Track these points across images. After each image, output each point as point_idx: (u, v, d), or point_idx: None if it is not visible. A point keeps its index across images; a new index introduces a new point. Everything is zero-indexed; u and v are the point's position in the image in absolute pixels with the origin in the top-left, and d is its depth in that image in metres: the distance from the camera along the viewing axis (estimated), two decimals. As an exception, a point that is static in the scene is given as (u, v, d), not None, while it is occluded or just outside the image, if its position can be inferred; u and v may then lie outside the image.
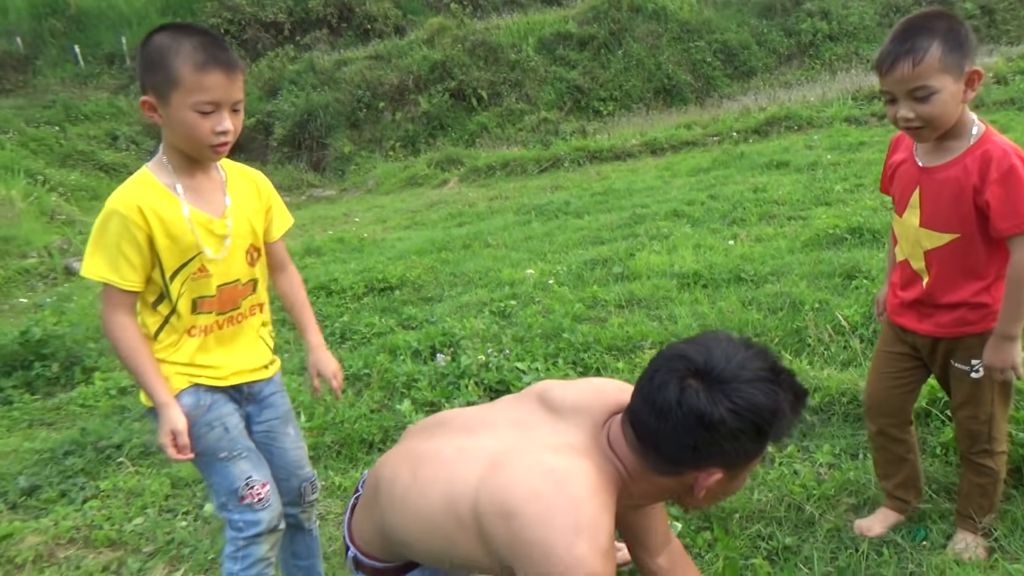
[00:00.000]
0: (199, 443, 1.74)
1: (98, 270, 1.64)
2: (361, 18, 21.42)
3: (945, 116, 1.70)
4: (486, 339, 3.94)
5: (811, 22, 18.50)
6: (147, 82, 1.60)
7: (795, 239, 5.02)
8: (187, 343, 1.75)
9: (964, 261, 1.80)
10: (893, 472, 2.09)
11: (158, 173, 1.68)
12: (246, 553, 1.79)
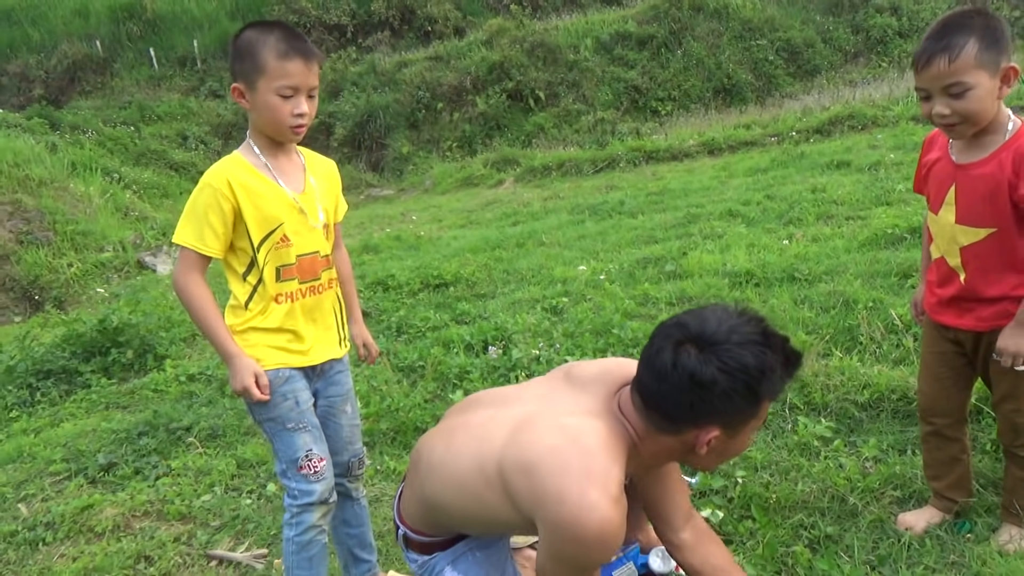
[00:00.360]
0: (273, 410, 1.90)
1: (184, 237, 1.82)
2: (422, 20, 21.76)
3: (981, 112, 1.71)
4: (537, 334, 4.02)
5: (880, 18, 18.00)
6: (237, 71, 1.80)
7: (852, 239, 4.94)
8: (275, 310, 1.90)
9: (1001, 256, 1.80)
10: (945, 473, 2.08)
11: (246, 154, 1.88)
12: (299, 520, 1.94)
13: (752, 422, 1.51)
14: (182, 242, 1.83)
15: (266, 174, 1.87)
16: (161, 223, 10.09)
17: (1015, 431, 1.92)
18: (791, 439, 2.62)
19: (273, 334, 1.91)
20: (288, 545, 1.97)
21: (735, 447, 1.56)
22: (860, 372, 2.88)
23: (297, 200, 1.90)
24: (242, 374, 1.83)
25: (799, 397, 2.85)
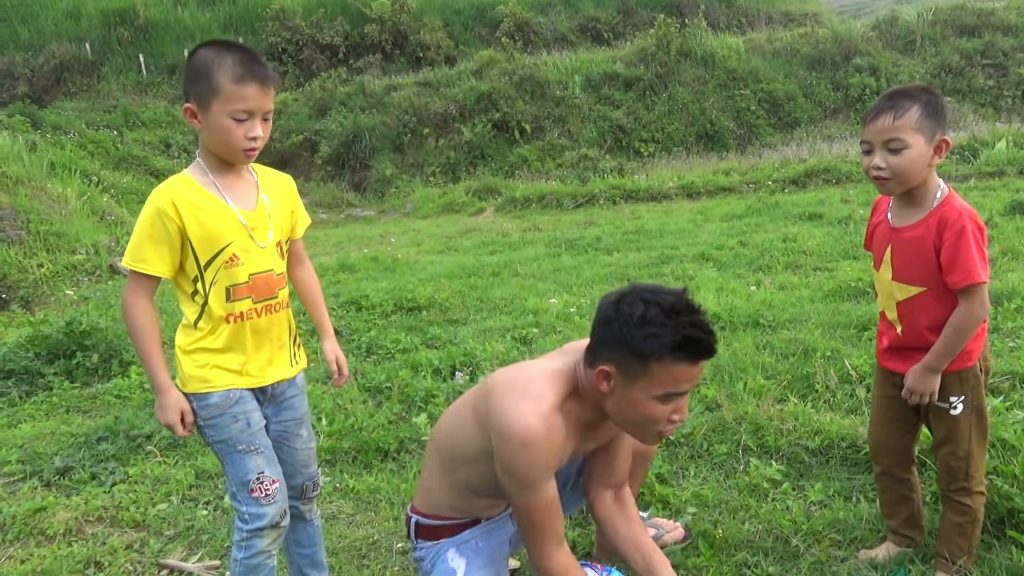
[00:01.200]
0: (222, 432, 1.89)
1: (130, 258, 1.83)
2: (414, 46, 22.02)
3: (911, 172, 1.89)
4: (505, 362, 4.07)
5: (860, 77, 18.53)
6: (191, 90, 1.79)
7: (818, 289, 5.08)
8: (224, 330, 1.88)
9: (933, 310, 1.95)
10: (897, 511, 2.20)
11: (195, 173, 1.88)
12: (249, 544, 1.92)
13: (643, 382, 1.64)
14: (129, 263, 1.83)
15: (214, 193, 1.86)
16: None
17: (951, 474, 2.02)
18: (742, 479, 2.69)
19: (221, 354, 1.89)
20: (235, 566, 1.95)
21: (634, 404, 1.68)
22: (813, 419, 2.97)
23: (245, 219, 1.88)
24: (170, 410, 1.84)
25: (753, 439, 2.93)
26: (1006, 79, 18.45)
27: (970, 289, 1.87)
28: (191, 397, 1.89)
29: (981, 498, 2.03)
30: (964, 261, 1.86)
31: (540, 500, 1.75)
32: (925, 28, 19.70)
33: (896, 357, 2.06)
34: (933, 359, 1.93)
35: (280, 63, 21.95)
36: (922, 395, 1.96)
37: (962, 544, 2.03)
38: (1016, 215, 7.15)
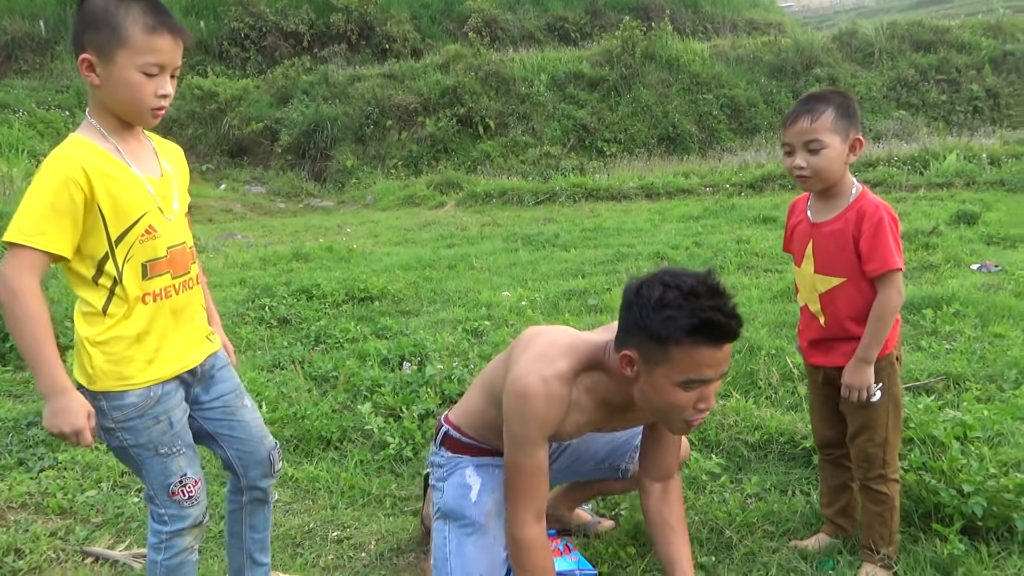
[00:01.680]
0: (140, 436, 1.69)
1: (22, 232, 1.51)
2: (380, 37, 21.81)
3: (829, 170, 2.00)
4: (455, 353, 4.04)
5: (819, 87, 18.87)
6: (88, 40, 1.56)
7: (767, 290, 5.16)
8: (141, 312, 1.67)
9: (853, 300, 2.04)
10: (835, 499, 2.28)
11: (93, 137, 1.63)
12: (169, 545, 1.80)
13: (664, 367, 1.61)
14: (19, 238, 1.50)
15: (119, 159, 1.62)
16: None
17: (868, 461, 2.09)
18: (683, 473, 2.70)
19: (140, 342, 1.67)
20: (155, 568, 1.81)
21: (657, 391, 1.65)
22: (754, 414, 3.01)
23: (158, 186, 1.69)
24: (77, 414, 1.55)
25: (695, 433, 2.95)
26: (958, 95, 19.01)
27: (887, 276, 1.98)
28: (101, 396, 1.65)
29: (896, 485, 2.11)
30: (882, 250, 1.96)
31: (527, 462, 1.80)
32: (883, 42, 20.19)
33: (819, 351, 2.15)
34: (863, 351, 2.01)
35: (242, 49, 21.56)
36: (860, 390, 2.01)
37: (883, 533, 2.09)
38: (960, 224, 7.36)
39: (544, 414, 1.77)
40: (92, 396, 1.64)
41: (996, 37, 20.42)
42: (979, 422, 2.66)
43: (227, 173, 17.48)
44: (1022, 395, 2.96)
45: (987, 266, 5.67)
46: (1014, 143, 13.50)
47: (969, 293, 4.71)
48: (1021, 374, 3.29)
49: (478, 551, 1.93)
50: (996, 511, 2.17)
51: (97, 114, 1.64)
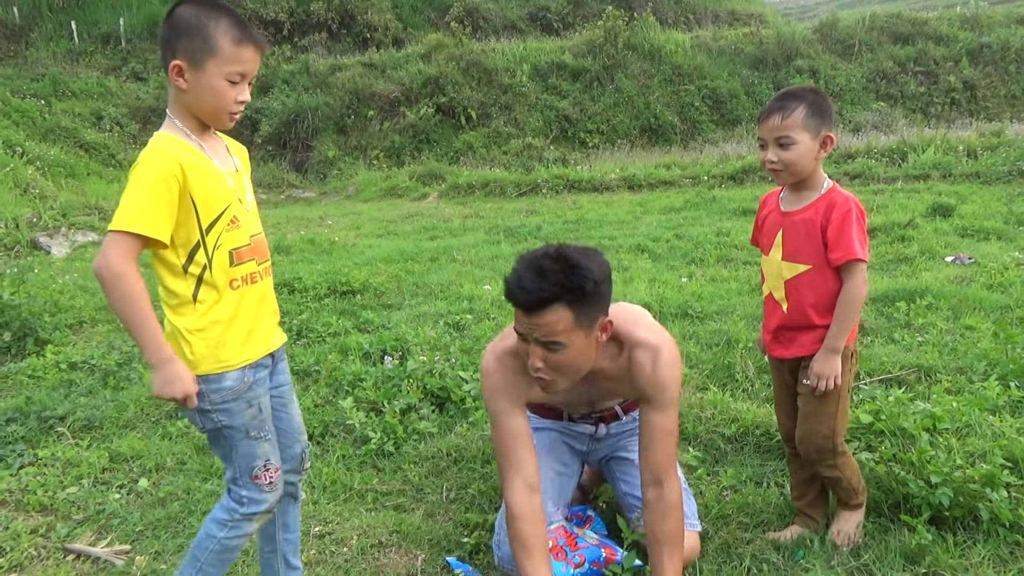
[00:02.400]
0: (235, 418, 1.80)
1: (126, 220, 1.63)
2: (362, 26, 21.64)
3: (800, 164, 2.09)
4: (436, 347, 4.06)
5: (800, 79, 18.99)
6: (180, 47, 1.68)
7: (746, 282, 5.22)
8: (230, 297, 1.78)
9: (817, 288, 2.12)
10: (806, 492, 2.34)
11: (178, 135, 1.76)
12: (237, 525, 1.87)
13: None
14: (123, 225, 1.62)
15: (205, 155, 1.77)
16: (63, 204, 9.61)
17: (819, 452, 2.18)
18: (660, 466, 2.75)
19: (232, 326, 1.78)
20: (210, 542, 1.89)
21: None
22: (731, 407, 3.06)
23: (235, 179, 1.84)
24: (186, 380, 1.68)
25: (673, 426, 3.00)
26: (936, 87, 19.21)
27: (851, 265, 2.06)
28: (200, 380, 1.75)
29: (847, 457, 2.23)
30: (846, 240, 2.05)
31: (499, 428, 2.00)
32: (863, 34, 20.34)
33: (781, 344, 2.23)
34: (831, 340, 2.09)
35: (221, 37, 21.31)
36: (828, 378, 2.09)
37: (849, 492, 2.25)
38: (936, 217, 7.47)
39: (502, 385, 1.98)
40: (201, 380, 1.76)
41: (973, 29, 20.63)
42: (948, 414, 2.73)
43: (207, 163, 17.31)
44: (990, 387, 3.03)
45: (961, 258, 5.77)
46: (990, 135, 13.68)
47: (942, 286, 4.79)
48: (990, 366, 3.37)
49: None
50: (963, 501, 2.23)
51: (180, 115, 1.76)
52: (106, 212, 9.47)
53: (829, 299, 2.10)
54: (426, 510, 2.66)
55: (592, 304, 1.82)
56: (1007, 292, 4.68)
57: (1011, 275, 5.04)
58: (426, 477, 2.85)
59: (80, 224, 8.80)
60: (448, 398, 3.43)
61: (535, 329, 1.78)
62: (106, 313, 5.20)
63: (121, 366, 4.19)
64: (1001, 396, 2.97)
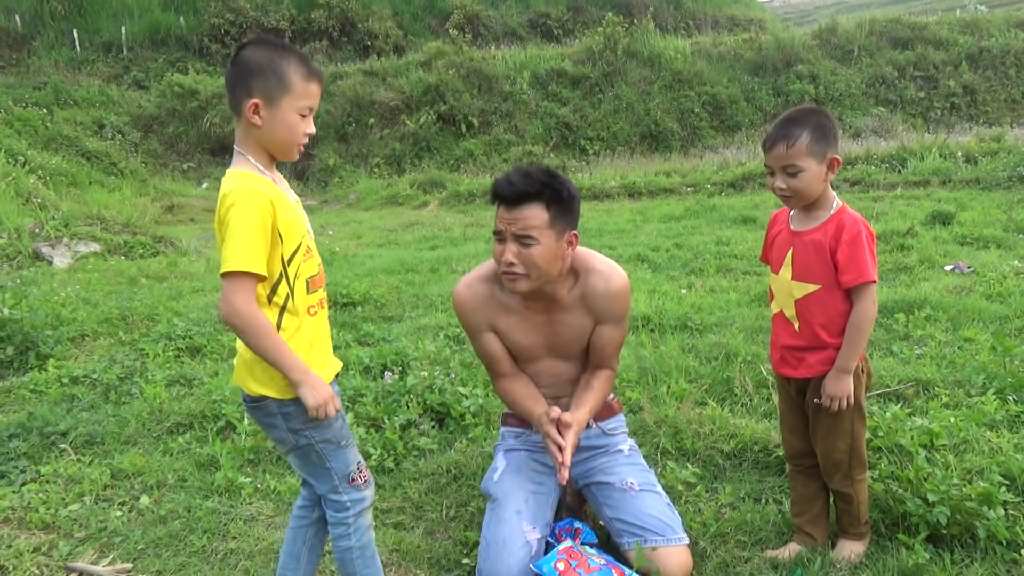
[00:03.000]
0: (326, 432, 1.87)
1: (238, 261, 1.69)
2: (362, 34, 21.74)
3: (808, 190, 2.11)
4: (436, 362, 4.07)
5: (800, 84, 19.07)
6: (256, 86, 1.75)
7: (745, 293, 5.23)
8: (308, 323, 1.85)
9: (826, 309, 2.14)
10: (807, 508, 2.34)
11: (253, 170, 1.81)
12: (356, 526, 2.00)
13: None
14: (240, 267, 1.68)
15: (279, 187, 1.84)
16: (65, 213, 9.64)
17: (836, 467, 2.21)
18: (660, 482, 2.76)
19: (312, 350, 1.86)
20: (350, 554, 2.00)
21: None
22: (730, 422, 3.07)
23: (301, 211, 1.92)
24: (326, 386, 1.79)
25: (671, 442, 3.01)
26: (936, 91, 19.25)
27: (862, 288, 2.08)
28: (290, 403, 1.82)
29: (862, 483, 2.24)
30: (858, 262, 2.06)
31: (479, 348, 2.30)
32: (862, 39, 20.38)
33: (789, 363, 2.24)
34: (842, 361, 2.11)
35: (223, 45, 21.40)
36: (840, 399, 2.12)
37: (853, 521, 2.26)
38: (936, 225, 7.48)
39: (472, 308, 2.24)
40: (281, 405, 1.84)
41: (972, 34, 20.68)
42: (945, 430, 2.74)
43: (209, 171, 17.38)
44: (988, 401, 3.04)
45: (960, 267, 5.78)
46: (989, 140, 13.69)
47: (941, 296, 4.80)
48: (988, 379, 3.38)
49: (496, 523, 2.20)
50: (960, 519, 2.24)
51: (252, 150, 1.82)
52: (108, 222, 9.50)
53: (839, 319, 2.12)
54: (426, 528, 2.67)
55: (565, 211, 2.10)
56: (1006, 302, 4.69)
57: (1010, 284, 5.05)
58: (426, 494, 2.86)
59: (82, 234, 8.82)
60: (448, 414, 3.45)
61: (514, 223, 2.03)
62: (108, 326, 5.23)
63: (123, 380, 4.21)
64: (999, 411, 2.98)
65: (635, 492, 2.25)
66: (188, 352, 4.69)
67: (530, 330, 2.25)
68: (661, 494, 2.27)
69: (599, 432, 2.40)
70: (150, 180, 15.37)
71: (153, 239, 9.24)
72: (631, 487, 2.27)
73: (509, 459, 2.37)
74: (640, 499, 2.23)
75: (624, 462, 2.36)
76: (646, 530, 2.17)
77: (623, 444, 2.43)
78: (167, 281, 7.00)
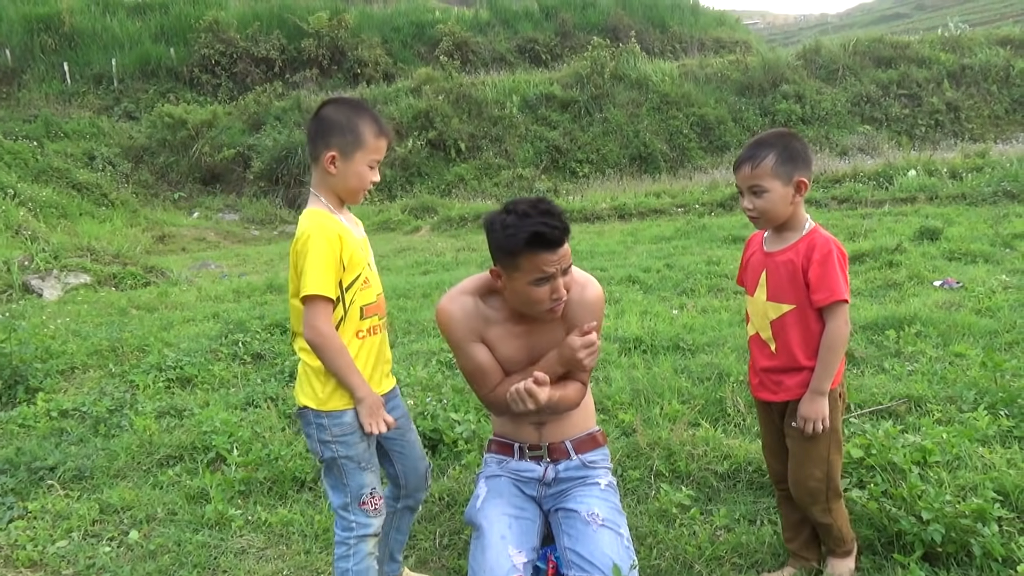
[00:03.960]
0: (351, 449, 2.08)
1: (317, 286, 1.96)
2: (352, 62, 21.90)
3: (774, 211, 2.13)
4: (428, 388, 4.06)
5: (786, 104, 19.28)
6: (335, 141, 2.04)
7: (736, 312, 5.24)
8: (355, 345, 2.07)
9: (801, 329, 2.14)
10: (796, 534, 2.33)
11: (326, 210, 2.08)
12: (356, 550, 2.13)
13: (517, 273, 2.06)
14: (318, 291, 1.96)
15: (347, 226, 2.09)
16: (55, 245, 9.61)
17: (812, 496, 2.19)
18: (653, 505, 2.74)
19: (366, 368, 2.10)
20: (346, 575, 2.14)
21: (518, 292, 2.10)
22: (723, 443, 3.06)
23: (365, 247, 2.17)
24: (378, 411, 2.05)
25: (665, 465, 2.99)
26: (920, 108, 19.49)
27: (834, 307, 2.09)
28: (324, 415, 2.05)
29: (840, 506, 2.24)
30: (829, 281, 2.08)
31: (470, 361, 2.23)
32: (846, 58, 20.66)
33: (767, 388, 2.24)
34: (816, 383, 2.11)
35: (213, 76, 21.53)
36: (815, 421, 2.10)
37: (838, 540, 2.25)
38: (924, 241, 7.53)
39: (460, 318, 2.20)
40: (316, 415, 2.07)
41: (954, 51, 20.99)
42: (938, 446, 2.74)
43: (200, 201, 17.39)
44: (980, 416, 3.04)
45: (949, 283, 5.82)
46: (974, 156, 13.86)
47: (931, 312, 4.82)
48: (979, 395, 3.38)
49: (482, 551, 2.16)
50: (955, 536, 2.23)
51: (325, 193, 2.10)
52: (98, 253, 9.47)
53: (813, 339, 2.12)
54: (418, 557, 2.64)
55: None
56: (995, 317, 4.72)
57: (999, 299, 5.08)
58: (418, 523, 2.84)
59: (72, 266, 8.79)
60: (441, 440, 3.42)
61: (563, 259, 2.07)
62: (98, 358, 5.19)
63: (112, 412, 4.17)
64: (991, 426, 2.98)
65: (596, 526, 2.16)
66: (179, 383, 4.66)
67: (512, 343, 2.25)
68: (623, 535, 2.17)
69: (579, 464, 2.33)
70: (141, 210, 15.36)
71: (144, 269, 9.21)
72: (594, 518, 2.19)
73: (490, 485, 2.34)
74: (599, 535, 2.14)
75: (597, 495, 2.27)
76: (594, 567, 2.07)
77: (602, 479, 2.33)
78: (158, 311, 6.97)
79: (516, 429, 2.35)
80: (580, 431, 2.35)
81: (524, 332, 2.25)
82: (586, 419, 2.39)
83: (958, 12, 39.11)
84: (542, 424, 2.31)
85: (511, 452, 2.37)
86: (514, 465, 2.36)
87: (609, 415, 3.61)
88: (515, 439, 2.36)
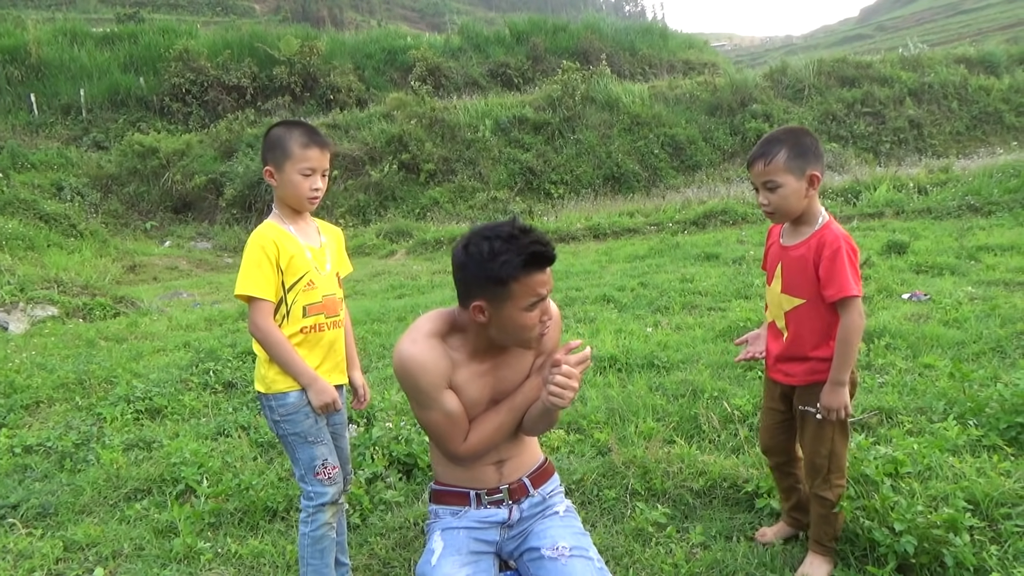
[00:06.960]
0: (297, 426, 2.30)
1: (249, 289, 2.22)
2: (324, 88, 21.91)
3: (788, 205, 2.20)
4: (402, 412, 4.02)
5: (755, 123, 19.55)
6: (269, 157, 2.29)
7: (710, 329, 5.27)
8: (301, 340, 2.30)
9: (813, 321, 2.22)
10: (788, 497, 2.56)
11: (276, 221, 2.33)
12: (314, 518, 2.35)
13: (509, 301, 1.87)
14: (253, 293, 2.21)
15: (292, 234, 2.32)
16: (21, 277, 9.43)
17: (815, 471, 2.30)
18: (629, 524, 2.72)
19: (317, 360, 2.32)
20: (303, 539, 2.36)
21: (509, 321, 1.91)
22: (698, 460, 3.05)
23: (311, 254, 2.35)
24: (329, 390, 2.28)
25: (640, 483, 2.98)
26: (884, 126, 19.91)
27: (845, 301, 2.14)
28: (272, 397, 2.28)
29: (840, 490, 2.31)
30: (839, 277, 2.14)
31: (436, 415, 1.99)
32: (812, 78, 21.08)
33: (780, 369, 2.34)
34: (835, 373, 2.17)
35: (184, 104, 21.42)
36: (837, 410, 2.18)
37: (828, 531, 2.32)
38: (892, 254, 7.65)
39: (432, 364, 1.96)
40: (266, 398, 2.31)
41: (915, 70, 21.52)
42: (909, 457, 2.75)
43: (171, 230, 17.19)
44: (949, 427, 3.07)
45: (917, 295, 5.90)
46: (938, 171, 14.16)
47: (900, 324, 4.89)
48: (948, 405, 3.42)
49: None
50: (927, 547, 2.24)
51: (278, 205, 2.36)
52: (66, 285, 9.31)
53: (823, 332, 2.20)
54: (393, 585, 2.59)
55: None
56: (962, 328, 4.79)
57: (965, 310, 5.16)
58: (392, 549, 2.79)
59: (39, 298, 8.62)
60: (415, 464, 3.39)
61: (551, 281, 1.96)
62: (64, 391, 5.08)
63: (78, 447, 4.07)
64: (960, 436, 3.01)
65: (565, 559, 2.03)
66: (148, 414, 4.57)
67: (477, 383, 2.06)
68: (593, 559, 2.04)
69: (540, 499, 2.19)
70: (111, 240, 15.13)
71: (113, 300, 9.06)
72: (561, 553, 2.06)
73: (447, 539, 2.11)
74: (570, 567, 2.01)
75: (559, 524, 2.15)
76: None
77: (559, 505, 2.21)
78: (127, 342, 6.85)
79: (472, 474, 2.13)
80: (535, 462, 2.21)
81: (489, 369, 2.07)
82: (536, 449, 2.26)
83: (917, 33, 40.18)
84: (502, 463, 2.15)
85: (466, 501, 2.14)
86: (474, 514, 2.15)
87: (584, 434, 3.59)
88: (470, 486, 2.13)
